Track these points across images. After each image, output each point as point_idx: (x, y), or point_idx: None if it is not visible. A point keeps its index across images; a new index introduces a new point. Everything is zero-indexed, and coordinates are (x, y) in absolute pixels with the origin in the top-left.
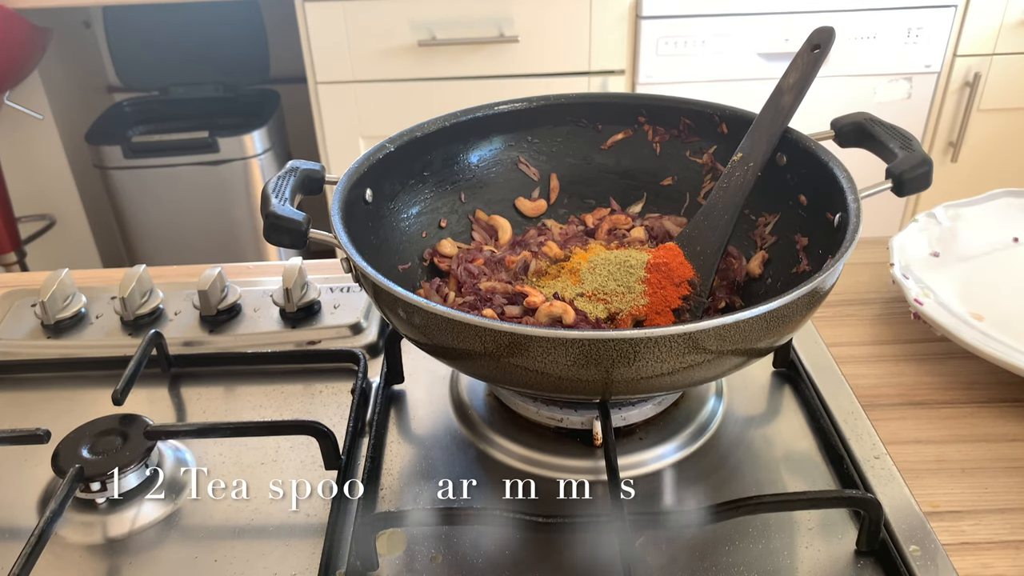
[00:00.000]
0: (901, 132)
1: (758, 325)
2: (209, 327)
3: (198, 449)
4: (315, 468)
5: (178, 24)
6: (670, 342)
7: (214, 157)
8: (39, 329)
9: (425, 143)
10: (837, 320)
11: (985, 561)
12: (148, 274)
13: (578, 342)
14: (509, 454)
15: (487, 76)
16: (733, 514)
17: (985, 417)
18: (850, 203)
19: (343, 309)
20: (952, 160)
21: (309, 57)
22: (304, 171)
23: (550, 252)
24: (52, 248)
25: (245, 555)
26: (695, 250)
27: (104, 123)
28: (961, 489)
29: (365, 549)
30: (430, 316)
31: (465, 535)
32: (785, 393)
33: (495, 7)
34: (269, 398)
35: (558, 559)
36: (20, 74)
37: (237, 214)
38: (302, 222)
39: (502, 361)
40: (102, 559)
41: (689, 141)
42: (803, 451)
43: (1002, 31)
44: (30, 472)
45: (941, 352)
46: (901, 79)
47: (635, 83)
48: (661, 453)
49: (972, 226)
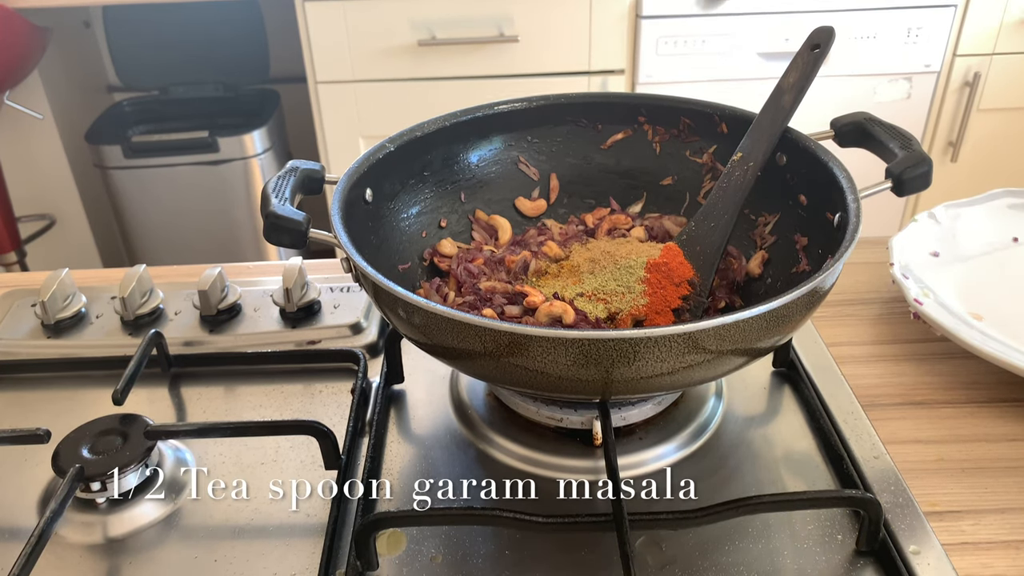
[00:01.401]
0: (901, 132)
1: (758, 325)
2: (209, 327)
3: (198, 449)
4: (315, 468)
5: (178, 24)
6: (670, 342)
7: (214, 157)
8: (39, 329)
9: (425, 143)
10: (837, 320)
11: (985, 561)
12: (148, 274)
13: (578, 342)
14: (509, 454)
15: (487, 76)
16: (733, 514)
17: (985, 417)
18: (850, 203)
19: (343, 309)
20: (952, 160)
21: (309, 57)
22: (304, 171)
23: (550, 252)
24: (52, 248)
25: (245, 555)
26: (695, 250)
27: (104, 123)
28: (961, 489)
29: (365, 549)
30: (430, 316)
31: (465, 535)
32: (785, 393)
33: (495, 7)
34: (269, 398)
35: (558, 559)
36: (20, 74)
37: (237, 214)
38: (302, 222)
39: (502, 361)
40: (102, 559)
41: (689, 141)
42: (803, 451)
43: (1002, 31)
44: (30, 472)
45: (941, 352)
46: (901, 79)
47: (635, 83)
48: (661, 453)
49: (972, 226)
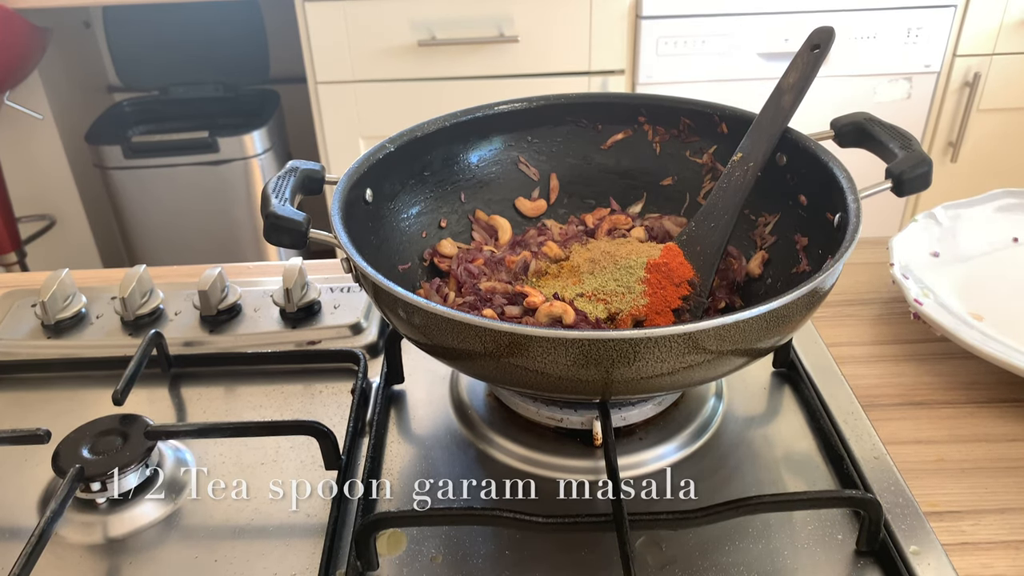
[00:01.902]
0: (900, 132)
1: (758, 325)
2: (209, 327)
3: (198, 449)
4: (315, 468)
5: (178, 24)
6: (670, 342)
7: (214, 157)
8: (39, 329)
9: (425, 143)
10: (837, 320)
11: (985, 561)
12: (148, 274)
13: (578, 342)
14: (509, 454)
15: (487, 76)
16: (733, 514)
17: (985, 417)
18: (850, 203)
19: (343, 309)
20: (952, 160)
21: (309, 57)
22: (304, 171)
23: (550, 252)
24: (52, 248)
25: (245, 555)
26: (695, 250)
27: (104, 123)
28: (961, 489)
29: (365, 549)
30: (430, 316)
31: (465, 535)
32: (785, 393)
33: (495, 7)
34: (269, 398)
35: (558, 559)
36: (20, 74)
37: (237, 214)
38: (302, 222)
39: (502, 361)
40: (102, 559)
41: (689, 141)
42: (803, 451)
43: (1002, 31)
44: (30, 472)
45: (941, 352)
46: (901, 79)
47: (635, 83)
48: (661, 453)
49: (972, 226)
